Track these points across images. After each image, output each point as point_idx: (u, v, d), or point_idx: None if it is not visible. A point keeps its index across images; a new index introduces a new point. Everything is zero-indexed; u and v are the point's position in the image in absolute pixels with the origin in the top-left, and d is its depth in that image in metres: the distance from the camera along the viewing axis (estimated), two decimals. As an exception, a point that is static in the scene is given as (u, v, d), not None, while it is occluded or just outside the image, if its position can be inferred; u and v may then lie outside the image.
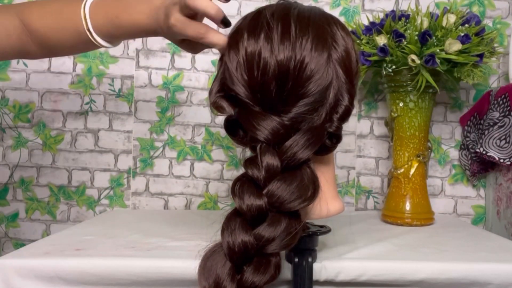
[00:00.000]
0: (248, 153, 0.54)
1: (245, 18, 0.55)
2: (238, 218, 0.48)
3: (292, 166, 0.49)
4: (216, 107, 0.53)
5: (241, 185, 0.49)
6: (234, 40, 0.53)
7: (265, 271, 0.46)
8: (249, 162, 0.49)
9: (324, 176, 0.55)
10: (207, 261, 0.48)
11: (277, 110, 0.51)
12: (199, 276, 0.47)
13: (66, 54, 0.71)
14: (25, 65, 1.12)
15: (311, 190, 0.49)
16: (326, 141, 0.52)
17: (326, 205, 0.55)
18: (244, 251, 0.46)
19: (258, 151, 0.49)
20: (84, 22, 0.59)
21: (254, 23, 0.52)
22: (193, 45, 0.59)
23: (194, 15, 0.54)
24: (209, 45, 0.54)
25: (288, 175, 0.48)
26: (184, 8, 0.52)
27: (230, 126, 0.54)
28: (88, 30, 0.59)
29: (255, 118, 0.50)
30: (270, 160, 0.48)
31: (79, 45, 0.63)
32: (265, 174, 0.48)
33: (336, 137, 0.53)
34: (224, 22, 0.54)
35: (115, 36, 0.61)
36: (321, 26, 0.52)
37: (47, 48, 0.64)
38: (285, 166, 0.49)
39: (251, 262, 0.47)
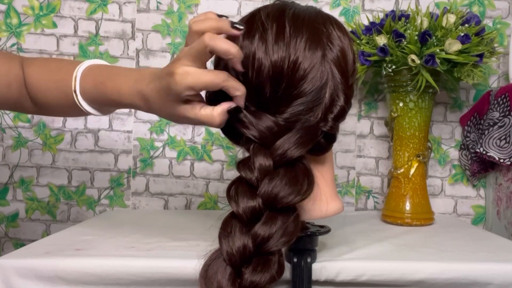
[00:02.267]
0: (248, 153, 0.54)
1: (241, 20, 0.54)
2: (234, 221, 0.48)
3: (284, 163, 0.49)
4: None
5: (236, 188, 0.49)
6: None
7: (263, 269, 0.46)
8: (242, 164, 0.49)
9: (323, 176, 0.55)
10: (207, 269, 0.47)
11: (273, 110, 0.51)
12: (200, 286, 0.47)
13: (55, 115, 0.68)
14: (25, 65, 1.12)
15: (305, 184, 0.48)
16: (321, 140, 0.52)
17: (326, 205, 0.55)
18: (242, 253, 0.46)
19: (250, 152, 0.49)
20: (73, 84, 0.57)
21: (249, 24, 0.52)
22: (198, 109, 0.50)
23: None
24: (229, 92, 0.48)
25: (280, 172, 0.48)
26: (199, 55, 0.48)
27: (227, 126, 0.54)
28: (75, 91, 0.57)
29: (251, 118, 0.50)
30: (262, 160, 0.48)
31: (66, 107, 0.60)
32: (258, 175, 0.48)
33: (330, 137, 0.53)
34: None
35: (101, 103, 0.58)
36: (315, 26, 0.52)
37: (38, 105, 0.62)
38: (277, 164, 0.49)
39: (250, 263, 0.47)
